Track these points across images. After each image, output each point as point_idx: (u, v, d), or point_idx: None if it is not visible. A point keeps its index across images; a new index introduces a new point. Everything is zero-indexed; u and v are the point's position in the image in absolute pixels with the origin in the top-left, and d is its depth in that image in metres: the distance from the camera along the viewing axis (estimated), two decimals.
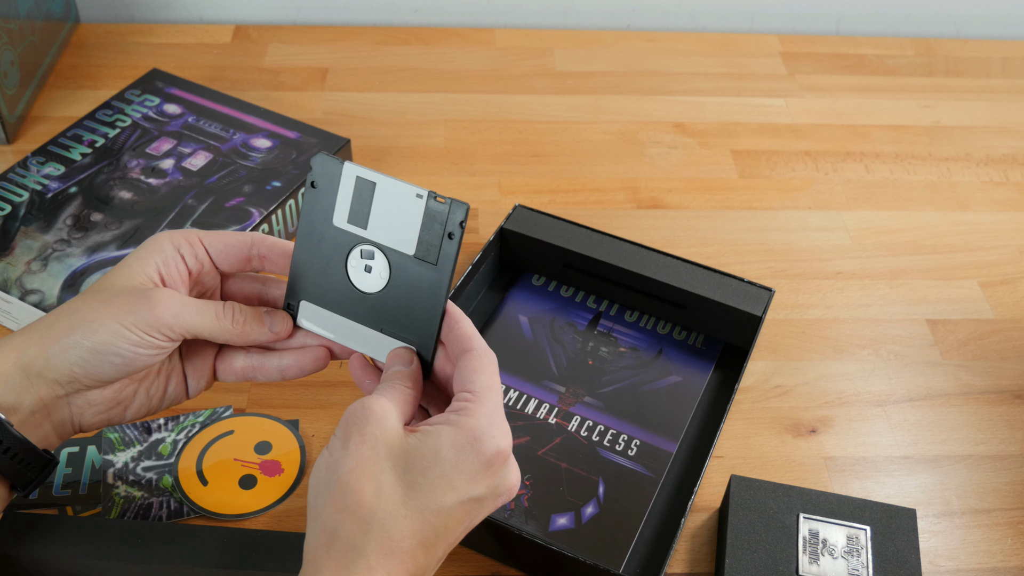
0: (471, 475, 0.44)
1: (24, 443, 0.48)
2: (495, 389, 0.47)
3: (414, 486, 0.43)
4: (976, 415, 0.71)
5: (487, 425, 0.45)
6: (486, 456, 0.45)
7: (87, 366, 0.49)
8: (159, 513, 0.61)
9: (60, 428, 0.51)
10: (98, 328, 0.48)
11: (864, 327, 0.77)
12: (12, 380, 0.48)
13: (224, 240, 0.53)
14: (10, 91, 0.87)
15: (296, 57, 1.01)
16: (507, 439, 0.46)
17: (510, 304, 0.75)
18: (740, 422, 0.69)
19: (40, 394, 0.49)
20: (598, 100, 0.99)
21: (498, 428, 0.46)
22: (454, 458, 0.44)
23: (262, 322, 0.52)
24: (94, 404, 0.52)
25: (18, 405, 0.48)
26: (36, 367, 0.49)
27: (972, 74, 1.06)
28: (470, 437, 0.44)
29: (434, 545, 0.44)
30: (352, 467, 0.43)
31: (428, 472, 0.44)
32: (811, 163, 0.92)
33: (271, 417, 0.67)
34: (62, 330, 0.49)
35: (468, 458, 0.44)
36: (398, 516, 0.43)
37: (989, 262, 0.83)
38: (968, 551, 0.63)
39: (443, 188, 0.86)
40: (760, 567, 0.56)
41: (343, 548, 0.42)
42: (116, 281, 0.50)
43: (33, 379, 0.49)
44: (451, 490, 0.44)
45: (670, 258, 0.73)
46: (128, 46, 1.01)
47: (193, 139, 0.82)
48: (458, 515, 0.45)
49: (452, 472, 0.44)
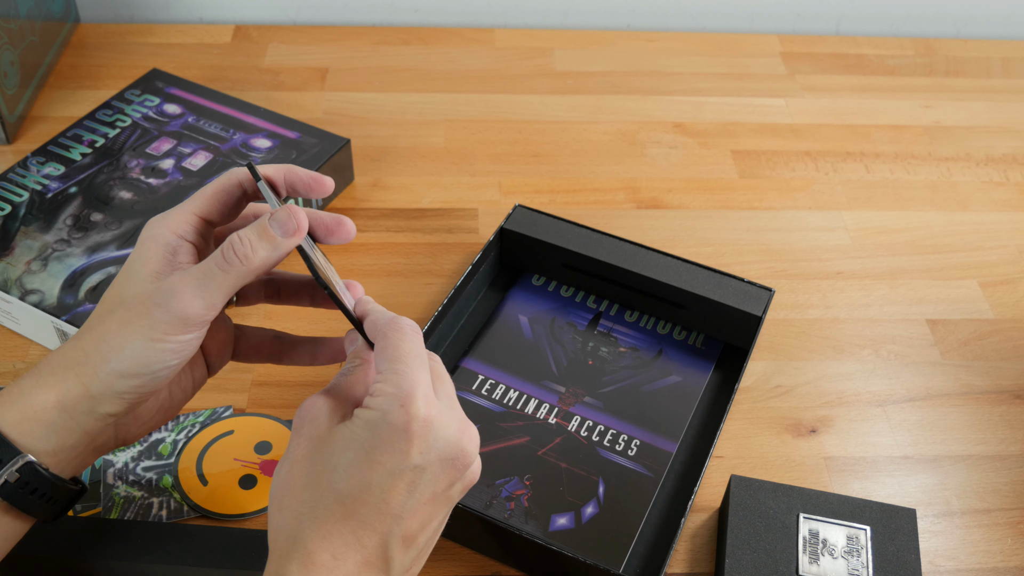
0: (387, 445, 0.44)
1: (55, 484, 0.47)
2: (404, 359, 0.46)
3: (337, 468, 0.44)
4: (976, 415, 0.71)
5: (393, 397, 0.44)
6: (399, 425, 0.44)
7: (138, 389, 0.47)
8: (159, 513, 0.61)
9: (101, 449, 0.50)
10: (131, 353, 0.46)
11: (864, 327, 0.77)
12: (54, 424, 0.46)
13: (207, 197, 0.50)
14: (10, 91, 0.87)
15: (296, 57, 1.01)
16: (424, 405, 0.45)
17: (510, 304, 0.75)
18: (740, 422, 0.69)
19: (87, 429, 0.47)
20: (598, 100, 0.99)
21: (408, 397, 0.44)
22: (367, 435, 0.44)
23: (272, 235, 0.47)
24: (139, 419, 0.51)
25: (60, 447, 0.47)
26: (83, 406, 0.46)
27: (972, 74, 1.06)
28: (379, 413, 0.44)
29: (379, 522, 0.44)
30: (288, 468, 0.45)
31: (347, 452, 0.44)
32: (811, 163, 0.92)
33: (271, 417, 0.67)
34: (99, 364, 0.46)
35: (381, 430, 0.44)
36: (326, 501, 0.43)
37: (989, 262, 0.83)
38: (968, 551, 0.63)
39: (443, 188, 0.87)
40: (760, 567, 0.56)
41: (285, 539, 0.44)
42: (126, 293, 0.48)
43: (80, 417, 0.46)
44: (375, 464, 0.44)
45: (670, 258, 0.73)
46: (128, 46, 1.01)
47: (193, 139, 0.82)
48: (394, 489, 0.44)
49: (369, 448, 0.44)
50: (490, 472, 0.63)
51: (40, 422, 0.46)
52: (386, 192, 0.86)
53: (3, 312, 0.71)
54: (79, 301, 0.68)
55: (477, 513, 0.58)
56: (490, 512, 0.61)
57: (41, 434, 0.46)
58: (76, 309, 0.68)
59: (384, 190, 0.86)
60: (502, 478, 0.63)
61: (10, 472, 0.45)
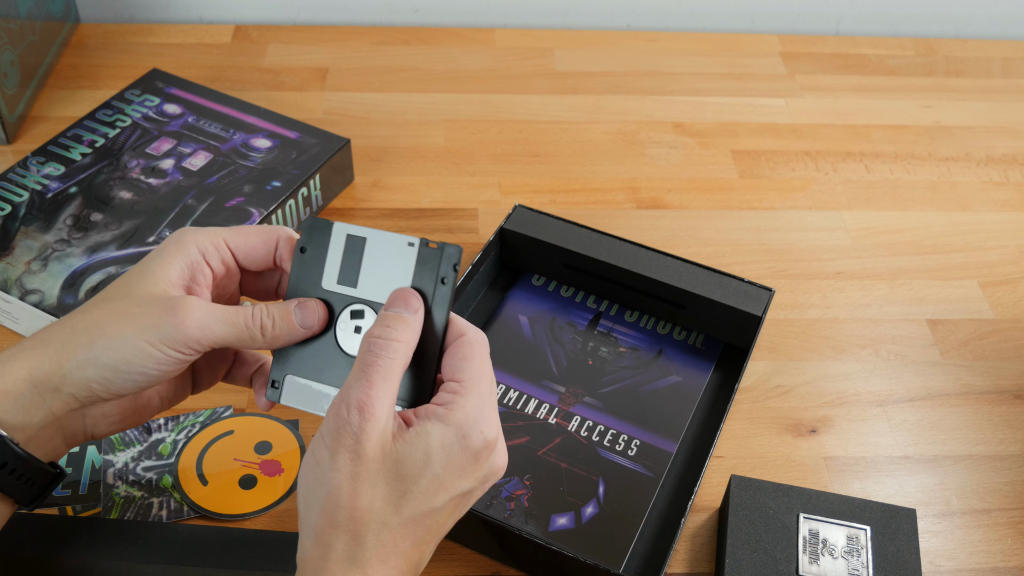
0: (460, 471, 0.44)
1: (29, 461, 0.46)
2: (484, 378, 0.46)
3: (407, 494, 0.43)
4: (976, 415, 0.71)
5: (475, 419, 0.44)
6: (474, 451, 0.44)
7: (107, 383, 0.46)
8: (159, 513, 0.61)
9: (71, 439, 0.49)
10: (120, 345, 0.45)
11: (864, 327, 0.77)
12: (22, 397, 0.46)
13: (249, 241, 0.50)
14: (10, 91, 0.87)
15: (296, 57, 1.01)
16: (494, 429, 0.45)
17: (510, 304, 0.75)
18: (740, 422, 0.69)
19: (53, 408, 0.46)
20: (598, 100, 0.99)
21: (486, 420, 0.45)
22: (444, 459, 0.44)
23: (293, 321, 0.48)
24: (109, 415, 0.49)
25: (27, 422, 0.46)
26: (51, 383, 0.46)
27: (972, 74, 1.06)
28: (458, 434, 0.44)
29: (426, 542, 0.45)
30: (342, 482, 0.42)
31: (420, 478, 0.43)
32: (811, 163, 0.92)
33: (271, 417, 0.67)
34: (80, 345, 0.46)
35: (457, 456, 0.44)
36: (392, 525, 0.43)
37: (989, 262, 0.83)
38: (968, 551, 0.63)
39: (443, 188, 0.87)
40: (760, 567, 0.56)
41: (340, 560, 0.42)
42: (136, 287, 0.47)
43: (46, 395, 0.46)
44: (442, 490, 0.44)
45: (670, 258, 0.73)
46: (128, 46, 1.01)
47: (193, 139, 0.82)
48: (448, 510, 0.45)
49: (443, 473, 0.44)
50: None
51: (9, 395, 0.45)
52: (386, 192, 0.86)
53: (3, 312, 0.71)
54: (79, 301, 0.68)
55: (477, 513, 0.57)
56: (490, 512, 0.61)
57: (9, 406, 0.45)
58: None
59: (384, 190, 0.86)
60: (502, 478, 0.63)
61: None
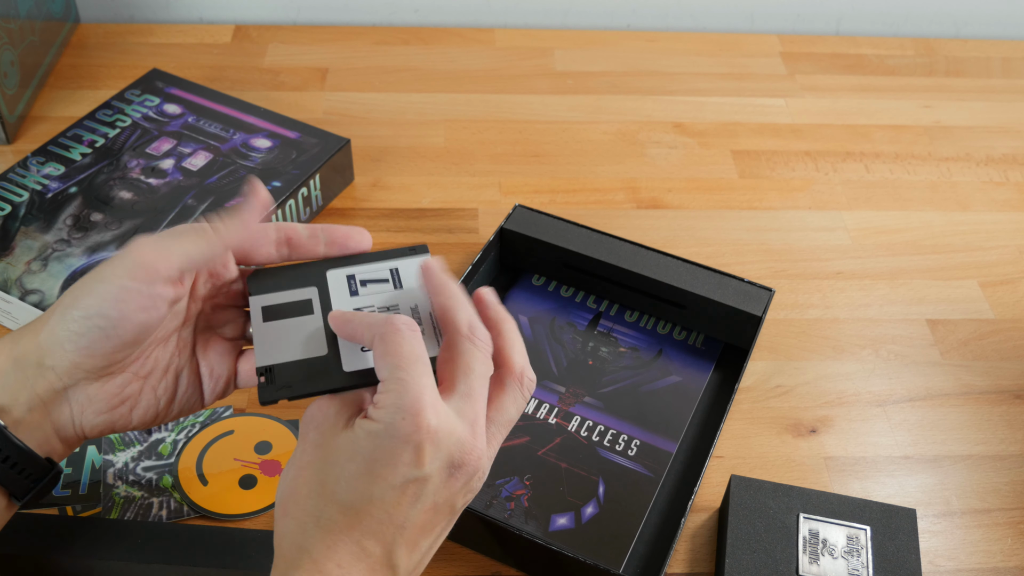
0: (395, 459, 0.43)
1: (19, 447, 0.45)
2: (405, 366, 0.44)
3: (340, 480, 0.44)
4: (976, 415, 0.71)
5: (397, 410, 0.43)
6: (403, 438, 0.43)
7: (80, 339, 0.45)
8: (159, 513, 0.61)
9: (62, 431, 0.48)
10: (84, 296, 0.45)
11: (864, 327, 0.77)
12: (6, 376, 0.46)
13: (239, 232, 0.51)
14: (10, 91, 0.87)
15: (296, 57, 1.01)
16: (434, 418, 0.43)
17: (510, 304, 0.75)
18: (740, 422, 0.69)
19: (37, 389, 0.46)
20: (598, 100, 0.99)
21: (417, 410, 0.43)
22: (371, 447, 0.43)
23: (240, 210, 0.49)
24: (95, 400, 0.48)
25: (12, 404, 0.46)
26: (31, 357, 0.46)
27: (972, 74, 1.06)
28: (383, 424, 0.43)
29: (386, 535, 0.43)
30: (293, 474, 0.45)
31: (350, 463, 0.44)
32: (811, 163, 0.92)
33: (271, 417, 0.67)
34: (54, 314, 0.46)
35: (386, 444, 0.43)
36: (330, 512, 0.43)
37: (989, 262, 0.83)
38: (968, 551, 0.63)
39: (443, 188, 0.87)
40: (760, 567, 0.56)
41: (290, 546, 0.44)
42: None
43: (28, 371, 0.46)
44: (379, 477, 0.43)
45: (670, 258, 0.73)
46: (128, 46, 1.01)
47: (193, 139, 0.82)
48: (399, 500, 0.43)
49: (372, 461, 0.43)
50: (490, 472, 0.63)
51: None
52: (386, 192, 0.86)
53: (3, 312, 0.71)
54: None
55: (477, 513, 0.57)
56: (490, 512, 0.61)
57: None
58: None
59: (384, 190, 0.86)
60: (502, 478, 0.63)
61: None
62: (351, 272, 0.51)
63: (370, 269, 0.51)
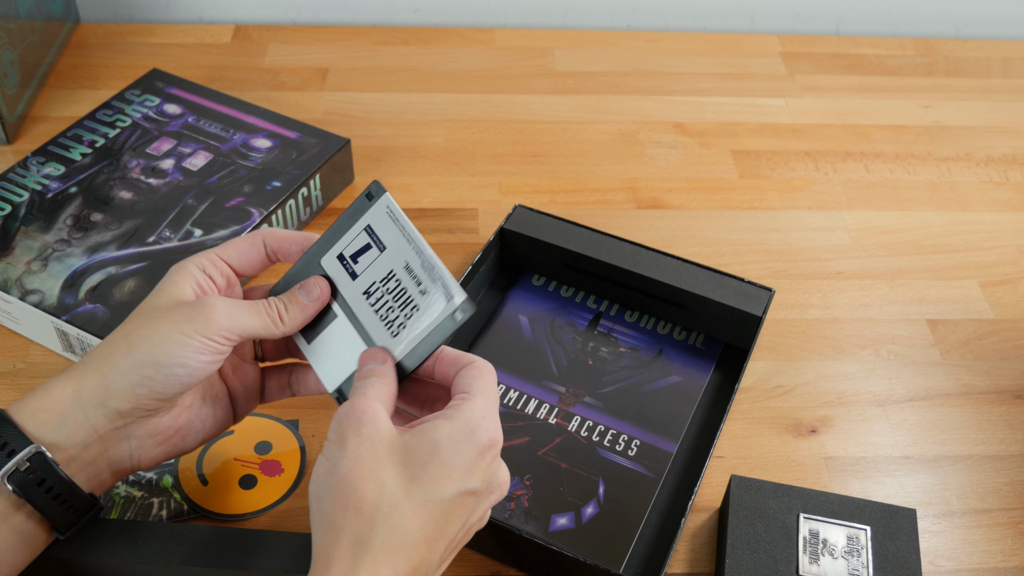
0: (468, 465, 0.45)
1: (68, 484, 0.47)
2: (491, 392, 0.48)
3: (415, 479, 0.44)
4: (976, 415, 0.71)
5: (480, 417, 0.46)
6: (481, 445, 0.46)
7: (151, 383, 0.48)
8: (159, 513, 0.61)
9: (117, 465, 0.50)
10: (159, 341, 0.48)
11: (864, 327, 0.77)
12: (67, 415, 0.47)
13: (238, 248, 0.54)
14: (10, 91, 0.87)
15: (296, 57, 1.01)
16: (499, 432, 0.47)
17: (510, 304, 0.75)
18: (740, 422, 0.69)
19: (96, 426, 0.48)
20: (598, 100, 0.99)
21: (491, 421, 0.47)
22: (451, 448, 0.45)
23: (300, 300, 0.52)
24: (153, 435, 0.51)
25: (71, 440, 0.47)
26: (95, 397, 0.48)
27: (972, 74, 1.06)
28: (465, 428, 0.46)
29: (436, 540, 0.45)
30: (352, 466, 0.44)
31: (428, 464, 0.45)
32: (811, 163, 0.92)
33: (271, 417, 0.67)
34: (121, 353, 0.48)
35: (464, 448, 0.45)
36: (402, 509, 0.43)
37: (989, 262, 0.83)
38: (968, 551, 0.63)
39: (443, 188, 0.87)
40: (760, 567, 0.56)
41: (350, 544, 0.43)
42: (158, 301, 0.50)
43: (90, 410, 0.48)
44: (450, 480, 0.45)
45: (670, 258, 0.73)
46: (128, 46, 1.01)
47: (193, 139, 0.82)
48: (457, 507, 0.45)
49: (450, 462, 0.45)
50: None
51: (54, 411, 0.47)
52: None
53: (3, 312, 0.71)
54: (79, 301, 0.68)
55: None
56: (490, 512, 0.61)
57: (53, 424, 0.47)
58: (76, 309, 0.68)
59: None
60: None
61: (20, 460, 0.46)
62: (338, 251, 0.53)
63: (350, 239, 0.53)
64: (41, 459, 0.46)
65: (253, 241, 0.54)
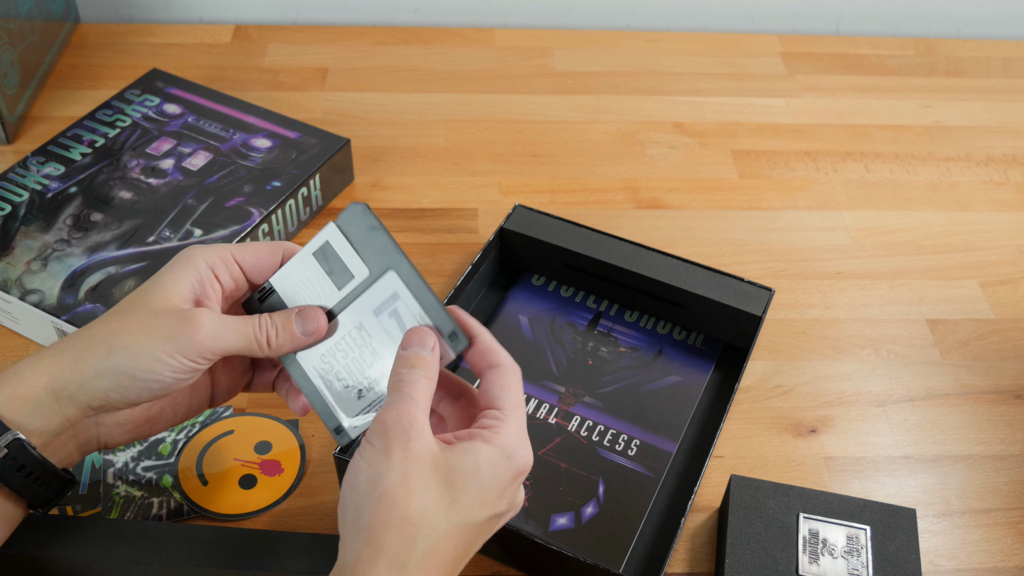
0: (501, 490, 0.46)
1: (44, 464, 0.48)
2: (521, 406, 0.48)
3: (455, 501, 0.44)
4: (976, 415, 0.71)
5: (518, 443, 0.46)
6: (516, 471, 0.46)
7: (124, 392, 0.48)
8: (159, 513, 0.61)
9: (85, 447, 0.51)
10: (137, 355, 0.47)
11: (864, 327, 0.77)
12: (41, 403, 0.48)
13: (255, 254, 0.52)
14: (10, 91, 0.87)
15: (296, 57, 1.01)
16: (531, 456, 0.47)
17: (510, 304, 0.75)
18: (740, 422, 0.69)
19: (69, 415, 0.48)
20: (598, 100, 0.99)
21: (526, 447, 0.47)
22: (490, 474, 0.45)
23: (294, 329, 0.51)
24: (123, 424, 0.51)
25: (44, 428, 0.48)
26: (68, 391, 0.48)
27: (972, 74, 1.06)
28: (504, 454, 0.45)
29: (462, 560, 0.46)
30: (398, 481, 0.43)
31: (467, 488, 0.44)
32: (811, 163, 0.92)
33: (271, 417, 0.67)
34: (99, 355, 0.48)
35: (501, 473, 0.45)
36: (439, 532, 0.43)
37: (989, 262, 0.83)
38: (968, 551, 0.63)
39: (443, 188, 0.87)
40: (760, 567, 0.56)
41: (388, 564, 0.42)
42: (149, 300, 0.49)
43: (63, 402, 0.48)
44: (485, 505, 0.45)
45: (670, 258, 0.73)
46: (128, 46, 1.01)
47: (193, 139, 0.82)
48: (486, 530, 0.46)
49: (488, 487, 0.45)
50: None
51: (28, 400, 0.47)
52: (386, 192, 0.86)
53: (3, 312, 0.71)
54: (79, 301, 0.68)
55: None
56: None
57: (28, 412, 0.47)
58: (76, 309, 0.68)
59: (384, 190, 0.86)
60: None
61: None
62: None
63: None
64: (19, 445, 0.47)
65: (272, 251, 0.52)
